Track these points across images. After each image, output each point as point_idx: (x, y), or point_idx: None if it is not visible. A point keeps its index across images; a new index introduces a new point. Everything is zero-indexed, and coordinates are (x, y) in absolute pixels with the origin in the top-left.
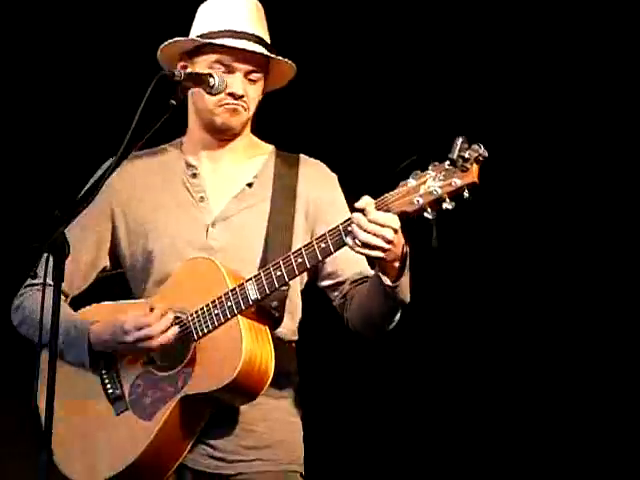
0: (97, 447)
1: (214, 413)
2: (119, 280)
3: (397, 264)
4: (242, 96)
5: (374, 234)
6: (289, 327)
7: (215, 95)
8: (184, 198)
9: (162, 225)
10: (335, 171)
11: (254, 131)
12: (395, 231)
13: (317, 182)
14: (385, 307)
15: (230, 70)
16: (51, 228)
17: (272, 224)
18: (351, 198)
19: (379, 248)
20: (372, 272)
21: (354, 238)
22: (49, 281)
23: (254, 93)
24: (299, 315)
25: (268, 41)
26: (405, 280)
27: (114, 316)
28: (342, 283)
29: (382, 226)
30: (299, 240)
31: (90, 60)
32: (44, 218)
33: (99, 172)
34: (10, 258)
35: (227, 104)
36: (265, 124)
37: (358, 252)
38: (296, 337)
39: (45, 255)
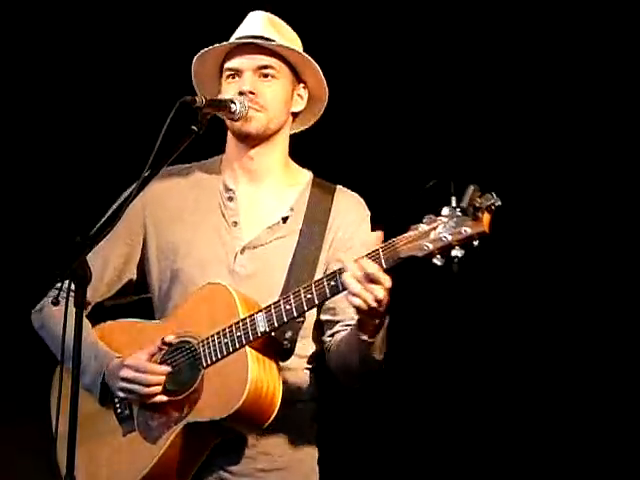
0: (101, 465)
1: (224, 436)
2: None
3: (376, 321)
4: (251, 92)
5: (364, 288)
6: (303, 355)
7: (238, 121)
8: (217, 221)
9: (192, 246)
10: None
11: (293, 156)
12: (386, 290)
13: (346, 218)
14: (357, 360)
15: (239, 73)
16: (72, 254)
17: (297, 257)
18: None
19: (365, 302)
20: None
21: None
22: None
23: (270, 91)
24: (316, 344)
25: (283, 43)
26: (379, 340)
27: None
28: (336, 322)
29: (375, 282)
30: (321, 274)
31: (116, 86)
32: (65, 244)
33: (119, 201)
34: (32, 283)
35: None
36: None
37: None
38: (312, 365)
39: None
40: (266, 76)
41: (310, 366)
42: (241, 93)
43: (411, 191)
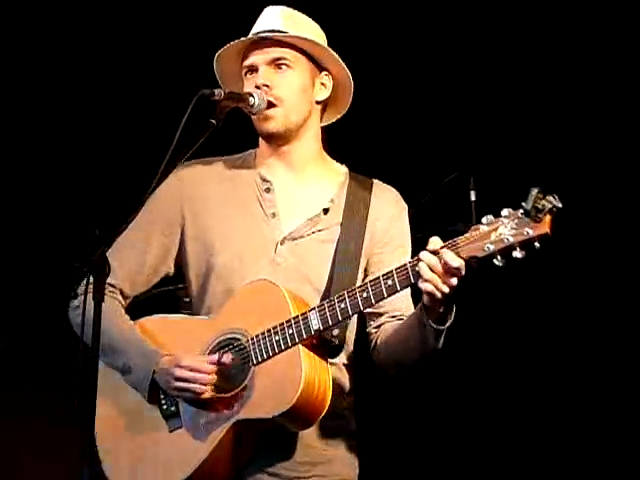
0: (146, 462)
1: (269, 431)
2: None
3: (442, 309)
4: (265, 85)
5: (440, 276)
6: (346, 352)
7: (257, 114)
8: (255, 212)
9: (229, 237)
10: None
11: (328, 152)
12: (460, 278)
13: (385, 212)
14: (417, 346)
15: (255, 69)
16: (92, 247)
17: (340, 250)
18: None
19: (440, 290)
20: (413, 310)
21: (420, 277)
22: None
23: (285, 82)
24: (353, 339)
25: (298, 34)
26: (445, 327)
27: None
28: (382, 314)
29: (450, 270)
30: (363, 268)
31: (137, 80)
32: (86, 237)
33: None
34: (52, 276)
35: None
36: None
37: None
38: (351, 359)
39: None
40: (280, 67)
41: (348, 362)
42: (257, 87)
43: (432, 184)
